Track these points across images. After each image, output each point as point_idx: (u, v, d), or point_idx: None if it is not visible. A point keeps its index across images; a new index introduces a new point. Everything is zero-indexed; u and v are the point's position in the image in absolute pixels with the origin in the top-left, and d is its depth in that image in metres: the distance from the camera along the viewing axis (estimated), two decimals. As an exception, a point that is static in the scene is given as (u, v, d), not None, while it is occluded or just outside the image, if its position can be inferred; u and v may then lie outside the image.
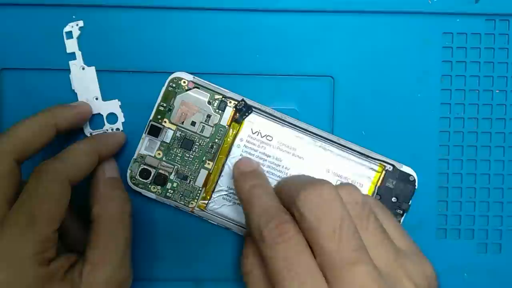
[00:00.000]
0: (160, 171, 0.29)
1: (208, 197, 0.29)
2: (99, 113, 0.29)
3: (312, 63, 0.30)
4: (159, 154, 0.29)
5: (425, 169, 0.30)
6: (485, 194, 0.30)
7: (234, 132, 0.29)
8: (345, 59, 0.30)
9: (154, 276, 0.30)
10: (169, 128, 0.29)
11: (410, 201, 0.29)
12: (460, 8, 0.30)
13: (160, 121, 0.29)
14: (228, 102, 0.29)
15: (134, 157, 0.29)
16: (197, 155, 0.29)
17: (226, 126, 0.29)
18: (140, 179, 0.29)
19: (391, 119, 0.30)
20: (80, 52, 0.29)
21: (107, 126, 0.29)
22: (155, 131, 0.29)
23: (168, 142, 0.29)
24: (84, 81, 0.29)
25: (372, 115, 0.30)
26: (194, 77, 0.29)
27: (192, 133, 0.29)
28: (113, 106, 0.29)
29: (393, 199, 0.29)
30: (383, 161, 0.29)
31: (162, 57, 0.29)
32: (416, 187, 0.29)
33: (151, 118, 0.29)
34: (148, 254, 0.30)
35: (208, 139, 0.29)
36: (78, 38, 0.29)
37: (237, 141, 0.29)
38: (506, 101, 0.30)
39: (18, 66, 0.29)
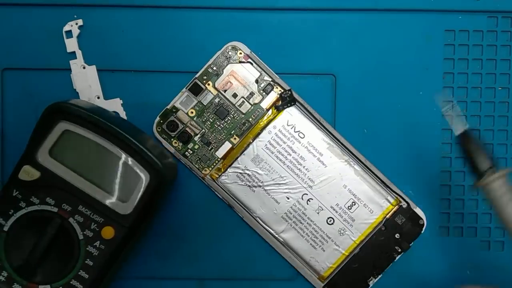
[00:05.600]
0: (187, 129, 0.29)
1: (223, 170, 0.29)
2: (100, 113, 0.29)
3: (314, 61, 0.30)
4: (192, 112, 0.29)
5: (427, 167, 0.30)
6: (487, 192, 0.30)
7: (270, 118, 0.29)
8: (346, 57, 0.30)
9: (158, 274, 0.30)
10: (210, 91, 0.29)
11: (412, 244, 0.29)
12: (462, 5, 0.30)
13: (204, 82, 0.29)
14: (275, 87, 0.29)
15: (168, 107, 0.29)
16: (228, 126, 0.29)
17: (265, 109, 0.29)
18: (166, 129, 0.29)
19: (393, 117, 0.30)
20: (80, 51, 0.29)
21: (109, 125, 0.29)
22: (196, 89, 0.29)
23: (204, 104, 0.29)
24: (86, 80, 0.29)
25: (373, 113, 0.30)
26: (251, 52, 0.29)
27: (230, 104, 0.29)
28: (115, 105, 0.29)
29: (396, 235, 0.29)
30: (400, 196, 0.29)
31: (163, 56, 0.29)
32: (422, 232, 0.29)
33: (197, 76, 0.29)
34: (151, 253, 0.30)
35: (243, 116, 0.29)
36: (78, 37, 0.29)
37: (270, 127, 0.29)
38: (509, 98, 0.30)
39: (19, 66, 0.29)
